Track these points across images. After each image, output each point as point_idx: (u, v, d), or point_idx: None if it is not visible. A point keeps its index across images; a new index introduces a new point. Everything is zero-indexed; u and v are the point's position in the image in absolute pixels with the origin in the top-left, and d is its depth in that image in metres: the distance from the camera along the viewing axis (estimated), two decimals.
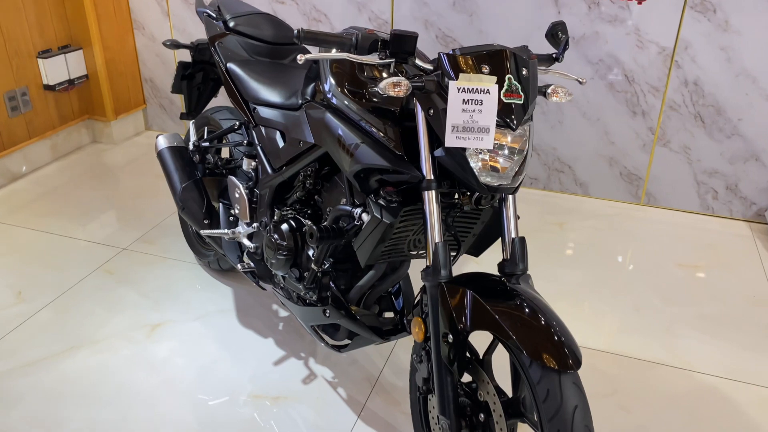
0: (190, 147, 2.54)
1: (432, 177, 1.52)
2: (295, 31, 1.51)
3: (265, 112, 2.26)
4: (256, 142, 2.31)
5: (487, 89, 1.50)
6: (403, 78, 1.53)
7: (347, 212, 1.75)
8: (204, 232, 2.44)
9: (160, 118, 4.38)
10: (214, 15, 2.58)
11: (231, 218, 2.44)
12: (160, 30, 4.06)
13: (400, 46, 1.51)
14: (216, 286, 2.75)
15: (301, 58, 1.54)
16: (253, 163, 2.35)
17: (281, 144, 2.18)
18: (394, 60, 1.57)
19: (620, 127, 3.40)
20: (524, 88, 1.49)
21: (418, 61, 1.55)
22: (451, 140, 1.46)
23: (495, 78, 1.48)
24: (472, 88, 1.47)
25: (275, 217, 2.18)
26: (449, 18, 3.44)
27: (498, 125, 1.45)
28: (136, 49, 4.18)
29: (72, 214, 3.31)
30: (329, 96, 1.79)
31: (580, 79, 1.73)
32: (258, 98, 2.29)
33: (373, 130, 1.66)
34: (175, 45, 2.71)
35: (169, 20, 3.99)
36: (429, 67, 1.54)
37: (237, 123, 2.48)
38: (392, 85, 1.51)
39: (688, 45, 3.13)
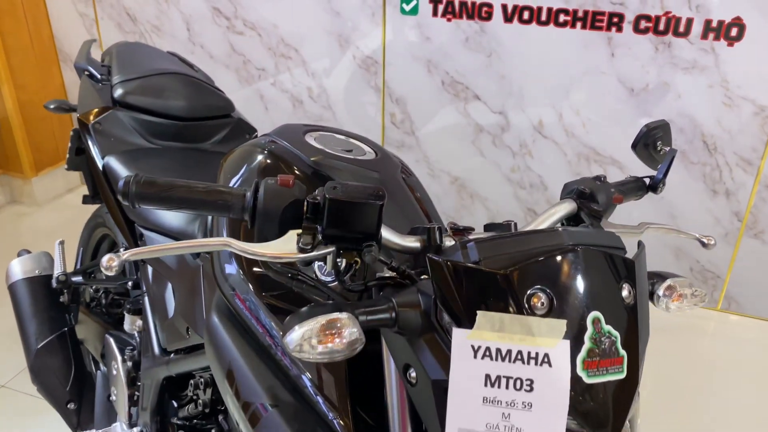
0: (56, 276, 1.65)
1: None
2: (120, 183, 0.75)
3: (154, 241, 1.39)
4: (143, 289, 1.43)
5: (545, 354, 0.63)
6: (343, 314, 0.64)
7: None
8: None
9: None
10: (98, 75, 1.69)
11: (111, 398, 1.56)
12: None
13: (346, 223, 0.72)
14: None
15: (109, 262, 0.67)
16: (139, 323, 1.47)
17: (171, 308, 1.31)
18: (331, 250, 0.68)
19: (694, 210, 2.48)
20: (628, 339, 0.59)
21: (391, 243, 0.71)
22: None
23: (563, 325, 0.60)
24: (508, 351, 0.57)
25: None
26: (460, 58, 2.54)
27: None
28: (64, 86, 3.32)
29: None
30: (227, 295, 0.95)
31: (705, 239, 1.02)
32: (146, 218, 1.41)
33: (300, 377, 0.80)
34: (61, 108, 1.84)
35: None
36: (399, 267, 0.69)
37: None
38: (321, 332, 0.63)
39: None
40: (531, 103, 2.53)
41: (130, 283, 1.51)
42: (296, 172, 1.03)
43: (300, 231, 0.77)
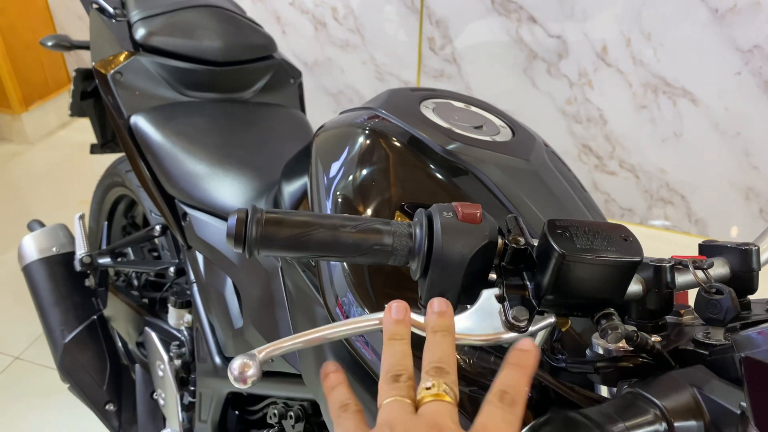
0: (79, 257, 1.39)
1: None
2: (231, 221, 0.53)
3: (205, 225, 1.14)
4: (192, 279, 1.19)
5: None
6: None
7: None
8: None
9: None
10: (111, 10, 1.37)
11: (156, 397, 1.34)
12: None
13: (580, 288, 0.50)
14: None
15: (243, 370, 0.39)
16: (188, 318, 1.24)
17: (236, 313, 1.08)
18: (550, 322, 0.51)
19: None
20: None
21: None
22: None
23: None
24: None
25: None
26: None
27: None
28: (48, 8, 2.92)
29: None
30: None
31: None
32: (191, 194, 1.16)
33: None
34: (60, 45, 1.53)
35: None
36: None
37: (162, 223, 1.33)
38: None
39: None
40: (595, 25, 2.21)
41: (172, 269, 1.26)
42: (427, 169, 0.76)
43: (499, 292, 0.52)
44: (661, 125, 2.32)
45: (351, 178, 0.77)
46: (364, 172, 0.77)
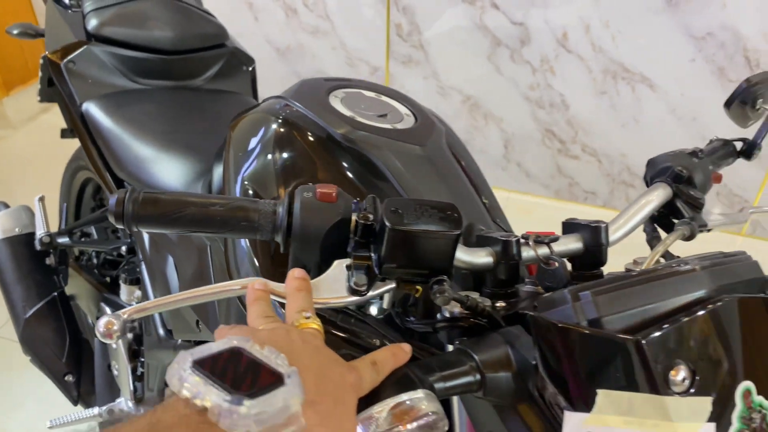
0: (39, 237, 1.46)
1: None
2: (112, 201, 0.59)
3: None
4: (140, 257, 1.27)
5: None
6: (418, 393, 0.47)
7: None
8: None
9: None
10: (67, 1, 1.43)
11: (112, 370, 1.42)
12: None
13: (411, 256, 0.59)
14: None
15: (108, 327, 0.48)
16: (137, 294, 1.31)
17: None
18: (390, 287, 0.58)
19: (726, 132, 2.28)
20: None
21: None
22: None
23: (707, 404, 0.50)
24: None
25: None
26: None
27: None
28: None
29: None
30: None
31: None
32: (138, 177, 1.23)
33: None
34: (26, 33, 1.60)
35: None
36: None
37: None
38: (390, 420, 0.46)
39: None
40: (556, 13, 2.27)
41: (124, 248, 1.33)
42: (325, 154, 0.83)
43: (349, 262, 0.59)
44: (621, 110, 2.38)
45: (256, 163, 0.85)
46: (269, 157, 0.85)
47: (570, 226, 0.71)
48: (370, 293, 0.58)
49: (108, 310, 1.35)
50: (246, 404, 0.39)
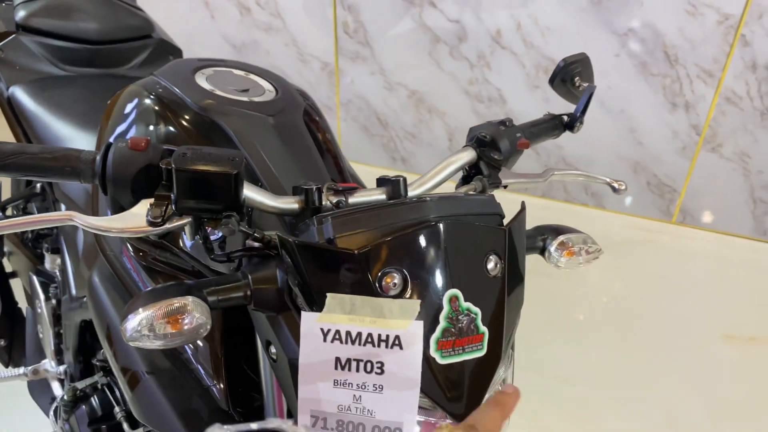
0: None
1: None
2: None
3: (65, 183, 1.32)
4: (57, 228, 1.38)
5: (396, 336, 0.63)
6: (187, 299, 0.61)
7: None
8: None
9: None
10: None
11: (39, 335, 1.54)
12: None
13: (200, 193, 0.69)
14: None
15: None
16: (59, 262, 1.43)
17: (82, 248, 1.28)
18: (186, 222, 0.72)
19: (653, 123, 2.41)
20: (493, 313, 0.66)
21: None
22: None
23: (415, 306, 0.62)
24: (358, 333, 0.58)
25: (81, 383, 1.29)
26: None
27: (426, 413, 0.66)
28: None
29: None
30: (107, 255, 0.92)
31: (616, 184, 0.94)
32: None
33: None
34: None
35: None
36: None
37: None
38: (161, 319, 0.60)
39: (763, 13, 2.09)
40: (488, 10, 2.39)
41: None
42: (182, 121, 0.95)
43: (152, 201, 0.71)
44: (554, 104, 2.49)
45: (122, 127, 0.97)
46: (133, 125, 0.96)
47: (383, 181, 0.82)
48: (167, 226, 0.70)
49: (34, 277, 1.46)
50: None
